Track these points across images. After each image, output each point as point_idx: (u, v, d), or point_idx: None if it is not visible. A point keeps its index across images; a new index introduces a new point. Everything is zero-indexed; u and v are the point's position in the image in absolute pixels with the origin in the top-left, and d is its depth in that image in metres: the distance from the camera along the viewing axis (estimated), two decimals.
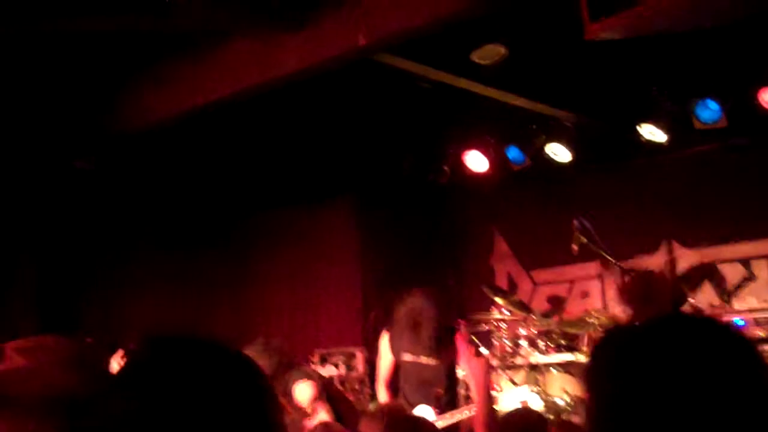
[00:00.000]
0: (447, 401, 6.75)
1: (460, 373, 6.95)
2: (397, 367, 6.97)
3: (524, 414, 4.65)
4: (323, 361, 10.31)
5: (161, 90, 7.95)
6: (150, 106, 8.07)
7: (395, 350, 6.92)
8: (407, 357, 6.83)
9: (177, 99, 7.85)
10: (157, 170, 9.78)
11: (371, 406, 7.37)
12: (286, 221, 11.18)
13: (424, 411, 6.58)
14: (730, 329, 1.58)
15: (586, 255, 8.59)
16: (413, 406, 6.55)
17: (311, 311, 11.13)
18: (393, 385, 7.08)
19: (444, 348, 6.77)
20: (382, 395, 6.98)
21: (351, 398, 9.76)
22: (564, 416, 7.83)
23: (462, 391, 7.07)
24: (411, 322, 6.69)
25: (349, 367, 10.18)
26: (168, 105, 7.94)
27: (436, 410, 6.60)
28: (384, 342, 7.07)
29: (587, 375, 1.62)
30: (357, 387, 9.92)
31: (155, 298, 10.34)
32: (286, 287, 11.23)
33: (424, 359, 6.76)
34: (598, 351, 1.64)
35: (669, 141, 9.11)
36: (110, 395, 1.34)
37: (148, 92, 8.06)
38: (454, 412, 6.52)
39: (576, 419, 7.28)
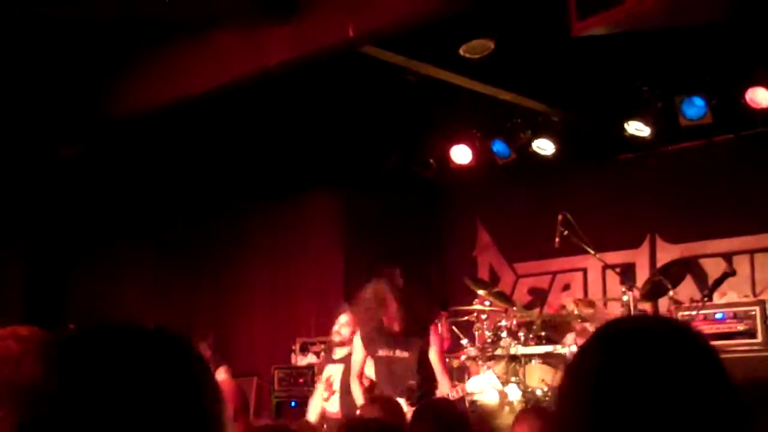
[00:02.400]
0: (422, 391, 6.76)
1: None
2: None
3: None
4: (304, 349, 10.32)
5: (149, 78, 7.91)
6: (137, 94, 8.03)
7: (369, 347, 6.93)
8: (381, 352, 6.86)
9: (165, 87, 7.81)
10: (143, 158, 9.74)
11: None
12: (270, 211, 11.16)
13: None
14: (700, 337, 1.61)
15: (568, 248, 8.60)
16: None
17: (293, 301, 11.13)
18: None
19: (415, 338, 6.80)
20: (356, 390, 6.99)
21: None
22: (543, 405, 7.88)
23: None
24: (376, 303, 6.76)
25: None
26: (156, 93, 7.90)
27: (408, 402, 6.61)
28: (357, 338, 7.09)
29: (572, 370, 1.62)
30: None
31: (140, 285, 10.32)
32: (268, 276, 11.23)
33: (398, 353, 6.78)
34: (587, 349, 1.64)
35: (654, 137, 9.15)
36: (42, 386, 1.33)
37: (135, 80, 8.02)
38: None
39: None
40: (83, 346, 1.34)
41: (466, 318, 9.04)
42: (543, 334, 8.68)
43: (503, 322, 8.59)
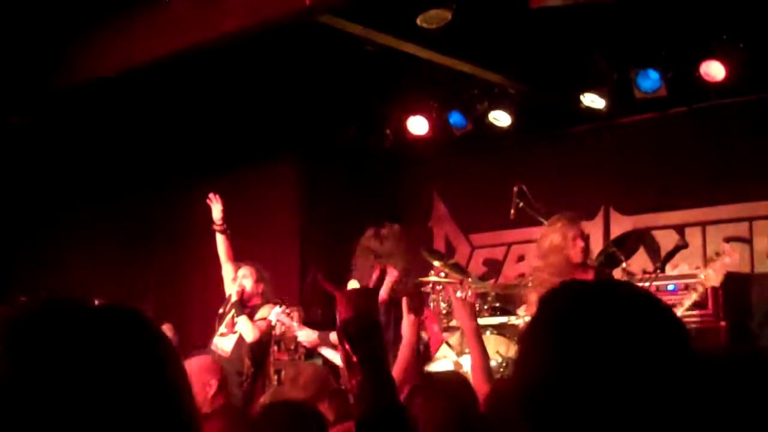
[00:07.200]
0: None
1: None
2: None
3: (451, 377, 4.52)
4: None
5: (102, 47, 7.82)
6: (90, 63, 7.95)
7: None
8: None
9: (118, 56, 7.73)
10: (96, 126, 9.62)
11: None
12: (226, 180, 11.07)
13: None
14: (655, 298, 1.62)
15: (523, 220, 8.63)
16: None
17: None
18: None
19: None
20: None
21: (286, 358, 9.79)
22: (497, 376, 7.92)
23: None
24: None
25: None
26: (108, 62, 7.82)
27: None
28: None
29: (531, 328, 1.62)
30: (292, 347, 9.90)
31: (92, 256, 10.22)
32: None
33: None
34: (544, 306, 1.63)
35: (609, 109, 9.20)
36: None
37: (88, 49, 7.93)
38: None
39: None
40: (36, 323, 1.31)
41: (422, 289, 9.06)
42: (497, 305, 8.74)
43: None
